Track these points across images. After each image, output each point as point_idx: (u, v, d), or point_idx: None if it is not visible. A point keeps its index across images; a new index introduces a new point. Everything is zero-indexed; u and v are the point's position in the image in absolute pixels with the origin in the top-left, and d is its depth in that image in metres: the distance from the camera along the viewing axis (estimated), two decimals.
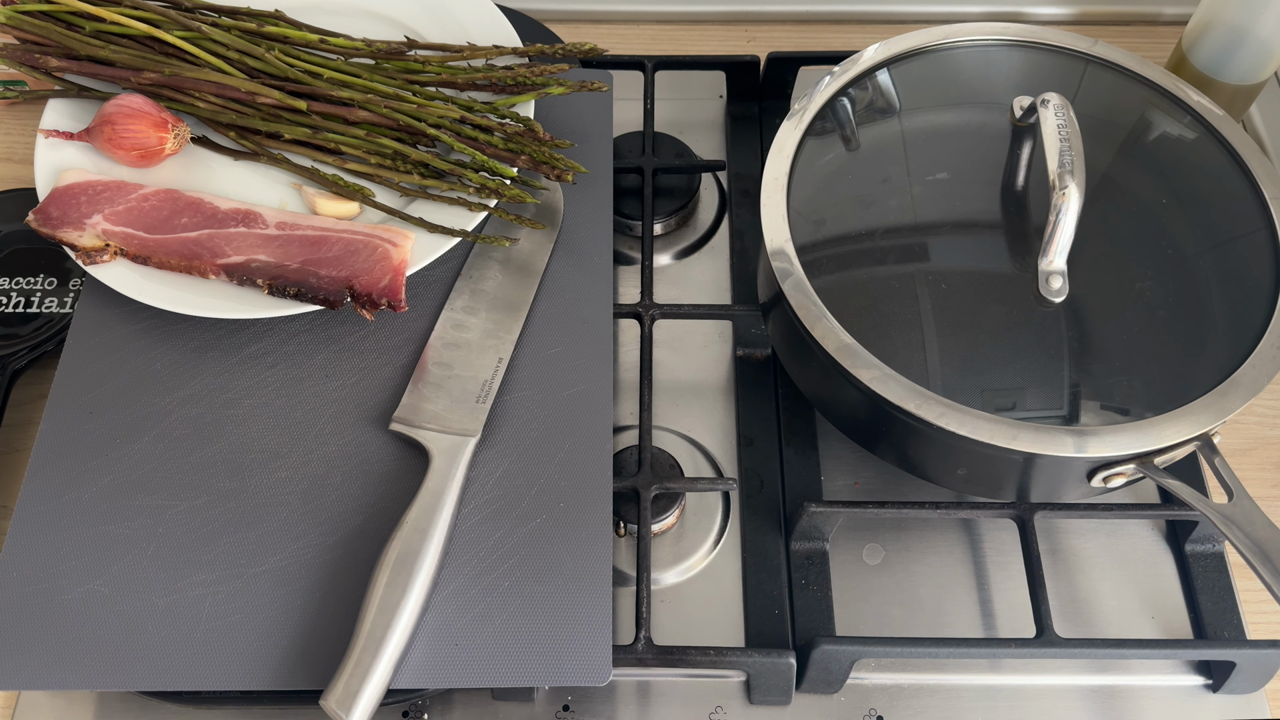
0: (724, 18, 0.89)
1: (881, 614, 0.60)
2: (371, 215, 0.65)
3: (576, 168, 0.64)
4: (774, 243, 0.58)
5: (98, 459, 0.58)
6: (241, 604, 0.54)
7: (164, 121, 0.64)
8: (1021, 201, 0.61)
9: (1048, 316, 0.56)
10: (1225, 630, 0.59)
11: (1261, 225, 0.59)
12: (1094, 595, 0.61)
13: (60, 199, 0.62)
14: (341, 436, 0.59)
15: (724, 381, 0.68)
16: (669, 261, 0.74)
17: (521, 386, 0.61)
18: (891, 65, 0.66)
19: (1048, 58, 0.67)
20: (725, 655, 0.55)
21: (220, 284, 0.61)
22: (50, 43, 0.66)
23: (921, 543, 0.63)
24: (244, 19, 0.67)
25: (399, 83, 0.66)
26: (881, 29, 0.87)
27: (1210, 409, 0.53)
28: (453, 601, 0.54)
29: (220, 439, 0.59)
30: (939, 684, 0.59)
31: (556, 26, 0.83)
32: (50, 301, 0.68)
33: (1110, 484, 0.55)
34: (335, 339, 0.62)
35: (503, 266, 0.65)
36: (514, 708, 0.57)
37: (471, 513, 0.56)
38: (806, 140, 0.62)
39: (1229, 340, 0.55)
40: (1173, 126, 0.64)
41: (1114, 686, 0.59)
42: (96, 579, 0.54)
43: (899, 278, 0.58)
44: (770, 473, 0.64)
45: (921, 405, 0.53)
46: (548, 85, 0.66)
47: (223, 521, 0.56)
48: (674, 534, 0.62)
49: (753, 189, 0.76)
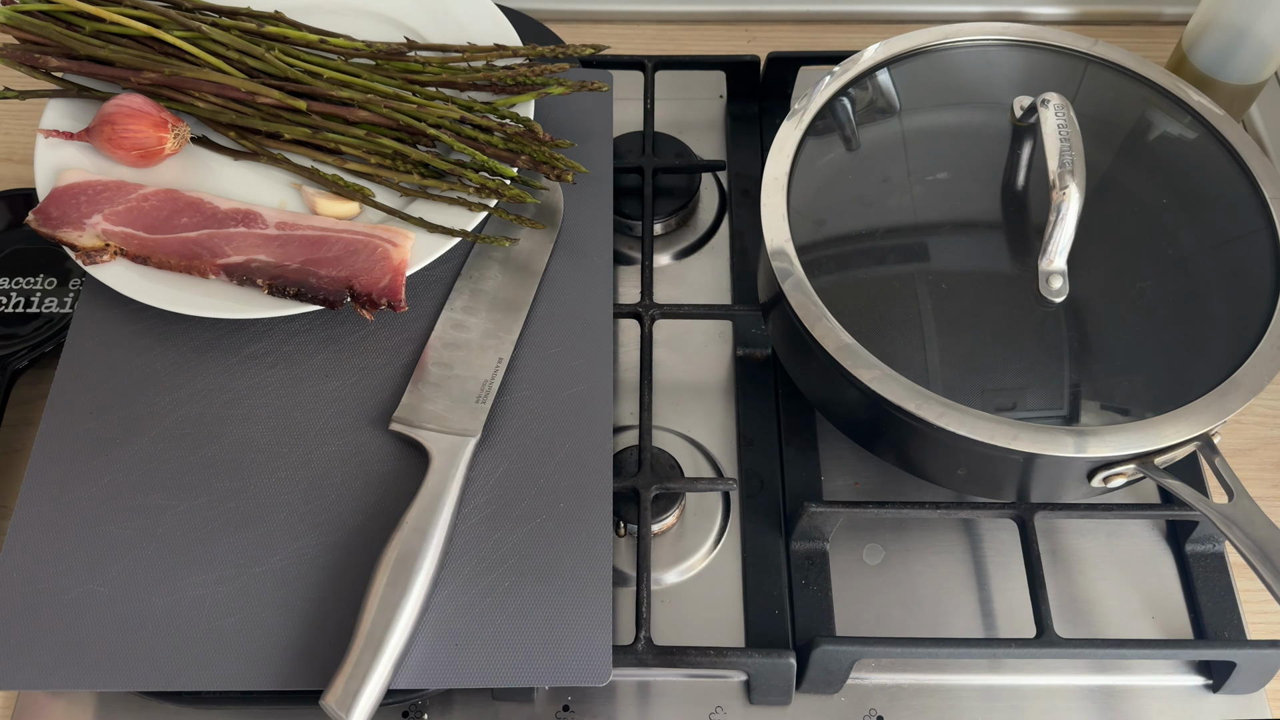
0: (724, 18, 0.89)
1: (881, 614, 0.60)
2: (371, 215, 0.65)
3: (576, 168, 0.64)
4: (774, 243, 0.58)
5: (98, 459, 0.58)
6: (241, 604, 0.54)
7: (164, 121, 0.64)
8: (1021, 201, 0.61)
9: (1048, 316, 0.56)
10: (1225, 630, 0.59)
11: (1261, 225, 0.59)
12: (1094, 595, 0.61)
13: (60, 199, 0.62)
14: (341, 436, 0.59)
15: (724, 381, 0.68)
16: (669, 261, 0.74)
17: (521, 386, 0.61)
18: (891, 65, 0.66)
19: (1048, 58, 0.67)
20: (725, 655, 0.55)
21: (220, 284, 0.61)
22: (50, 43, 0.66)
23: (921, 543, 0.63)
24: (244, 19, 0.67)
25: (399, 83, 0.66)
26: (881, 29, 0.87)
27: (1210, 409, 0.53)
28: (453, 601, 0.54)
29: (220, 439, 0.59)
30: (939, 684, 0.59)
31: (556, 26, 0.83)
32: (50, 301, 0.68)
33: (1110, 484, 0.55)
34: (335, 339, 0.62)
35: (503, 266, 0.65)
36: (514, 708, 0.57)
37: (471, 513, 0.56)
38: (806, 140, 0.62)
39: (1229, 340, 0.55)
40: (1173, 126, 0.64)
41: (1114, 686, 0.59)
42: (96, 579, 0.54)
43: (899, 278, 0.58)
44: (770, 473, 0.64)
45: (921, 405, 0.53)
46: (548, 85, 0.66)
47: (223, 521, 0.56)
48: (674, 534, 0.62)
49: (753, 189, 0.76)
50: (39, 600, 0.54)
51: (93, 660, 0.52)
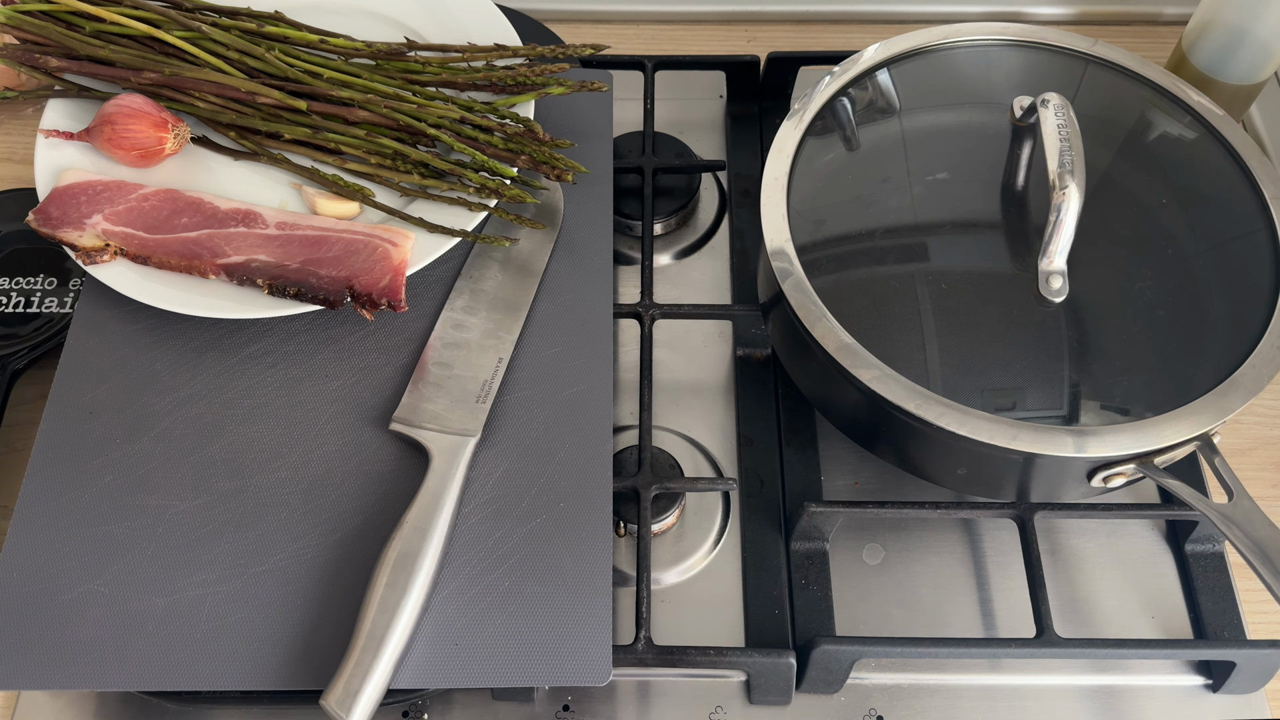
0: (724, 18, 0.89)
1: (881, 614, 0.60)
2: (371, 215, 0.65)
3: (576, 168, 0.64)
4: (774, 243, 0.58)
5: (98, 459, 0.58)
6: (241, 604, 0.54)
7: (164, 121, 0.64)
8: (1021, 201, 0.61)
9: (1048, 316, 0.56)
10: (1225, 630, 0.59)
11: (1261, 225, 0.59)
12: (1094, 595, 0.61)
13: (60, 199, 0.62)
14: (341, 436, 0.59)
15: (724, 381, 0.68)
16: (669, 261, 0.74)
17: (521, 386, 0.61)
18: (891, 65, 0.66)
19: (1048, 58, 0.67)
20: (725, 655, 0.55)
21: (220, 284, 0.61)
22: (50, 43, 0.66)
23: (921, 543, 0.63)
24: (244, 19, 0.67)
25: (399, 83, 0.66)
26: (881, 29, 0.87)
27: (1210, 409, 0.53)
28: (453, 601, 0.54)
29: (220, 439, 0.59)
30: (939, 684, 0.59)
31: (556, 26, 0.83)
32: (50, 301, 0.68)
33: (1110, 484, 0.55)
34: (335, 339, 0.62)
35: (503, 266, 0.65)
36: (514, 708, 0.57)
37: (471, 513, 0.56)
38: (806, 140, 0.62)
39: (1229, 340, 0.55)
40: (1173, 126, 0.64)
41: (1114, 686, 0.59)
42: (96, 579, 0.54)
43: (899, 278, 0.58)
44: (770, 473, 0.64)
45: (921, 405, 0.53)
46: (548, 85, 0.66)
47: (223, 521, 0.56)
48: (674, 534, 0.62)
49: (753, 189, 0.76)
50: (39, 600, 0.54)
51: (93, 660, 0.52)
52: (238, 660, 0.52)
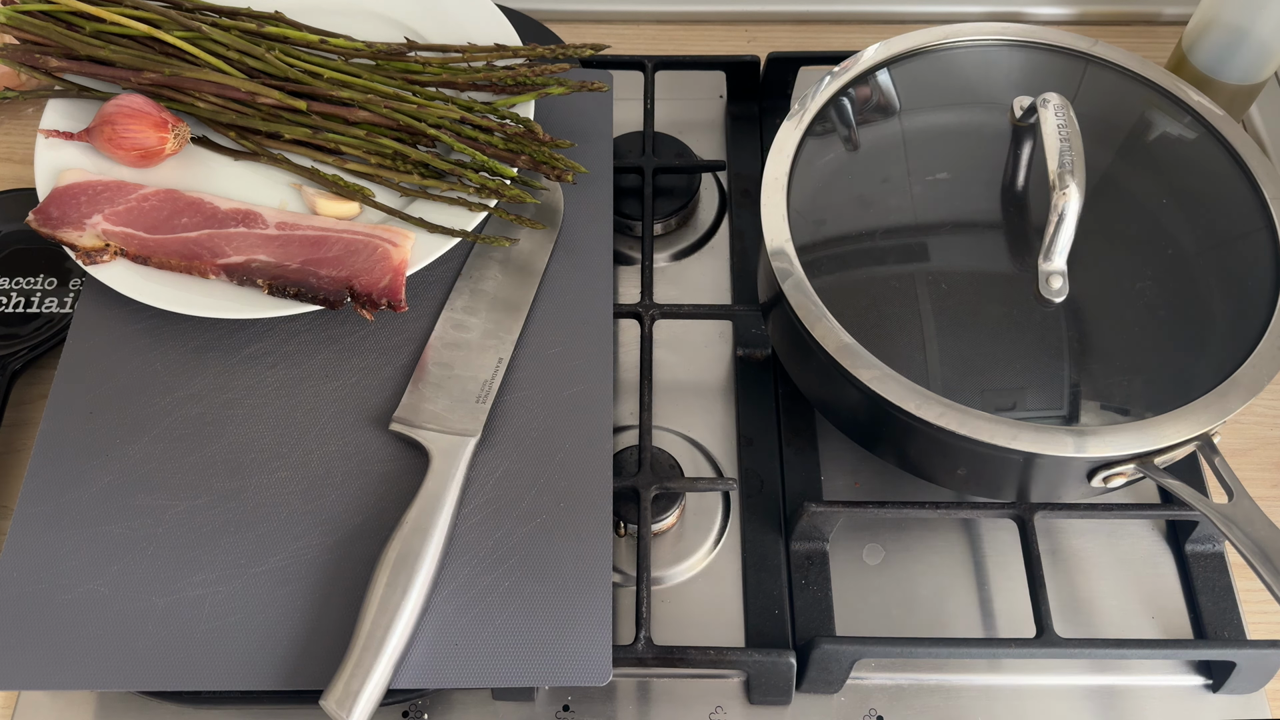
0: (724, 18, 0.89)
1: (881, 614, 0.60)
2: (371, 215, 0.65)
3: (576, 168, 0.64)
4: (774, 243, 0.58)
5: (98, 459, 0.58)
6: (241, 604, 0.54)
7: (164, 121, 0.64)
8: (1021, 201, 0.61)
9: (1048, 316, 0.56)
10: (1225, 630, 0.59)
11: (1261, 225, 0.59)
12: (1094, 595, 0.61)
13: (60, 199, 0.62)
14: (341, 436, 0.59)
15: (724, 381, 0.68)
16: (669, 261, 0.74)
17: (521, 386, 0.61)
18: (891, 65, 0.66)
19: (1048, 58, 0.67)
20: (725, 655, 0.55)
21: (220, 284, 0.61)
22: (50, 43, 0.66)
23: (921, 543, 0.63)
24: (244, 19, 0.67)
25: (399, 83, 0.66)
26: (881, 29, 0.87)
27: (1210, 409, 0.53)
28: (453, 601, 0.54)
29: (220, 439, 0.59)
30: (939, 684, 0.59)
31: (556, 26, 0.83)
32: (50, 301, 0.68)
33: (1110, 484, 0.55)
34: (335, 339, 0.62)
35: (503, 266, 0.65)
36: (514, 708, 0.57)
37: (471, 513, 0.56)
38: (806, 140, 0.62)
39: (1229, 340, 0.55)
40: (1173, 126, 0.64)
41: (1114, 686, 0.59)
42: (96, 579, 0.54)
43: (899, 278, 0.58)
44: (770, 473, 0.64)
45: (921, 405, 0.53)
46: (548, 85, 0.66)
47: (223, 521, 0.56)
48: (674, 534, 0.62)
49: (753, 189, 0.76)
50: (39, 600, 0.54)
51: (93, 660, 0.52)
52: (238, 660, 0.52)
